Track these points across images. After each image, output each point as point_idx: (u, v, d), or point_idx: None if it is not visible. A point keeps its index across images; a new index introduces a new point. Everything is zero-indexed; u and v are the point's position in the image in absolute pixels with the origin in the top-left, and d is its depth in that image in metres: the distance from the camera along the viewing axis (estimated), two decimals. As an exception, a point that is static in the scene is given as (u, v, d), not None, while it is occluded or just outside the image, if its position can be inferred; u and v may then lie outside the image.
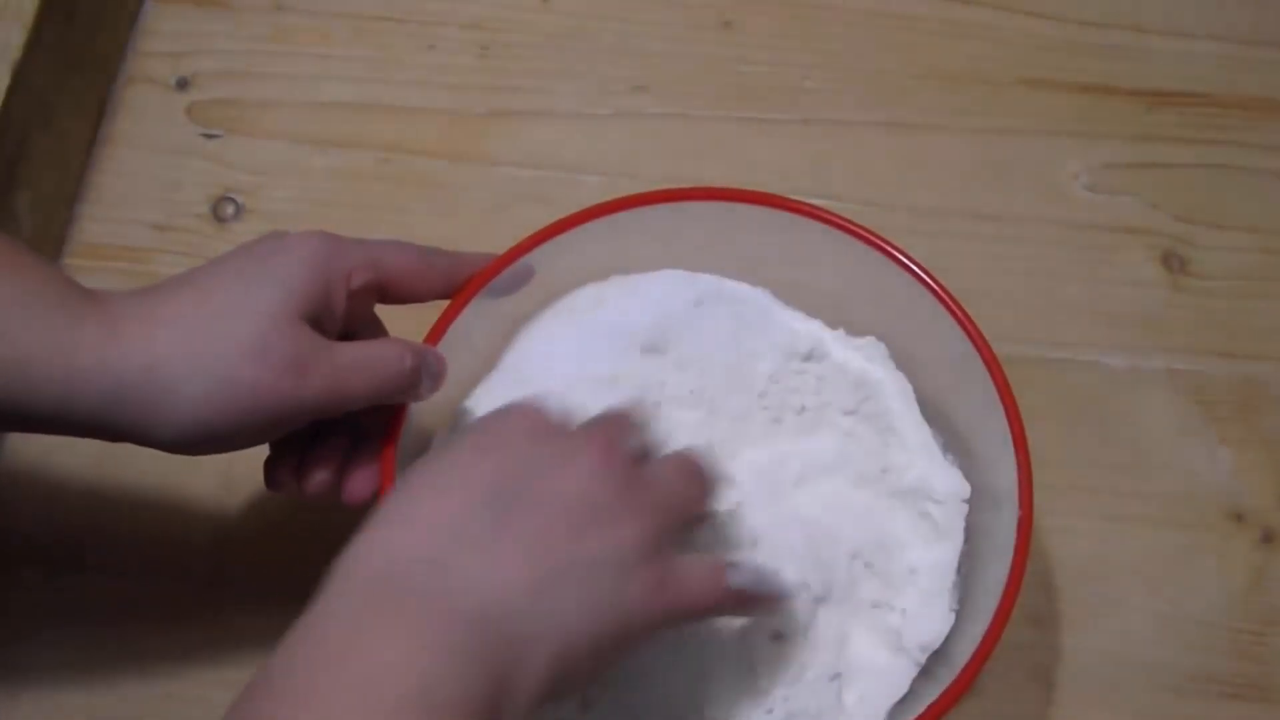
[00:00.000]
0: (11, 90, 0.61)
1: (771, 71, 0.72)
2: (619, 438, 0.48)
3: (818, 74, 0.72)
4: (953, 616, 0.54)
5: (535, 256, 0.55)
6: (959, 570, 0.55)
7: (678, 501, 0.48)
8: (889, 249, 0.55)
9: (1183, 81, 0.72)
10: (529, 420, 0.48)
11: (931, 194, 0.59)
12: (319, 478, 0.52)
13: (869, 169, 0.67)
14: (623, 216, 0.56)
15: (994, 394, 0.54)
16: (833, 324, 0.59)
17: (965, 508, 0.55)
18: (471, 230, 0.58)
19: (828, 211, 0.56)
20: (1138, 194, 0.69)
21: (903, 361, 0.58)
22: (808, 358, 0.58)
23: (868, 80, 0.72)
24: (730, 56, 0.73)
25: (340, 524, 0.45)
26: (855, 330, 0.59)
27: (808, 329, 0.58)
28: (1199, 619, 0.61)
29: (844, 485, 0.56)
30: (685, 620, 0.48)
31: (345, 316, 0.51)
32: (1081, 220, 0.69)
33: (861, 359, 0.58)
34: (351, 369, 0.49)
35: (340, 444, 0.53)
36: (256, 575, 0.60)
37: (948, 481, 0.55)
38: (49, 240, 0.66)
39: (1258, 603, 0.61)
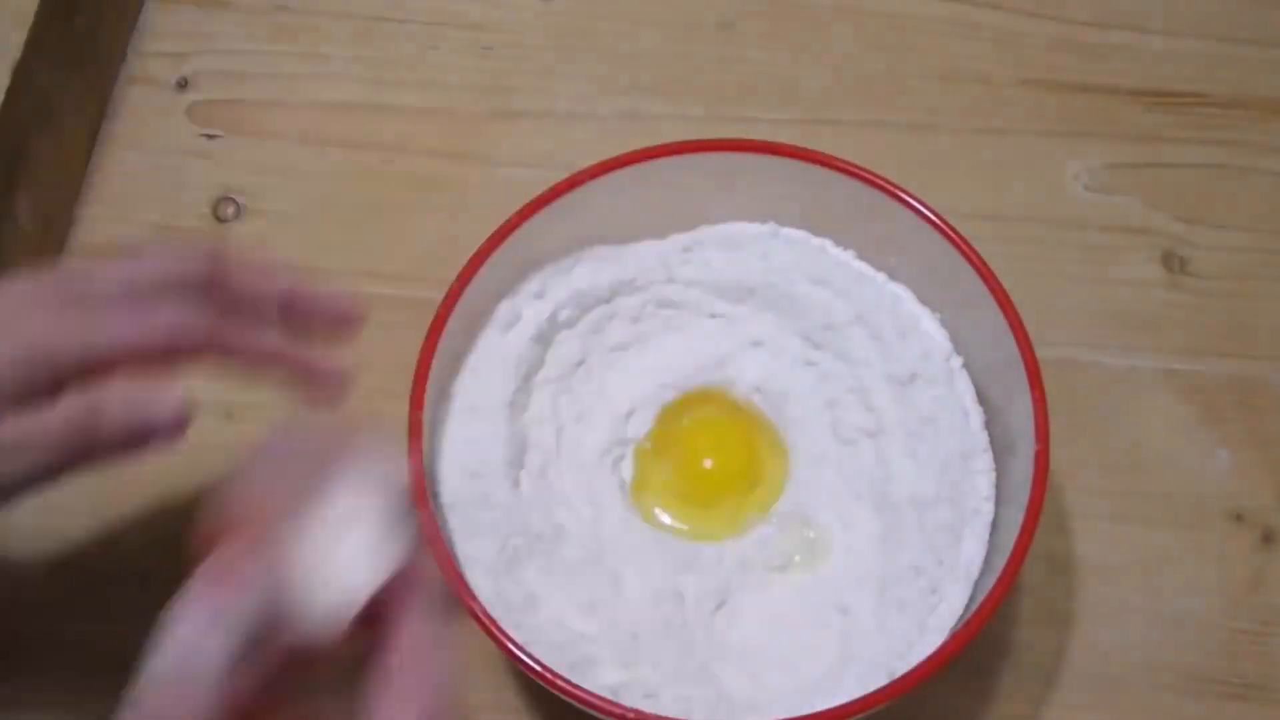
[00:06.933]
0: (11, 90, 0.61)
1: (771, 72, 0.72)
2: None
3: (817, 74, 0.72)
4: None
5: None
6: None
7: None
8: (884, 183, 0.59)
9: (1183, 81, 0.72)
10: None
11: (931, 194, 0.59)
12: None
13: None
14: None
15: (1004, 325, 0.56)
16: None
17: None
18: (471, 230, 0.58)
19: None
20: (1138, 194, 0.69)
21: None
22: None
23: (867, 80, 0.72)
24: (730, 56, 0.72)
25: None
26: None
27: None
28: (1199, 619, 0.61)
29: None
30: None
31: None
32: (1081, 220, 0.69)
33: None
34: None
35: None
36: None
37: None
38: (49, 240, 0.66)
39: (1258, 603, 0.61)
